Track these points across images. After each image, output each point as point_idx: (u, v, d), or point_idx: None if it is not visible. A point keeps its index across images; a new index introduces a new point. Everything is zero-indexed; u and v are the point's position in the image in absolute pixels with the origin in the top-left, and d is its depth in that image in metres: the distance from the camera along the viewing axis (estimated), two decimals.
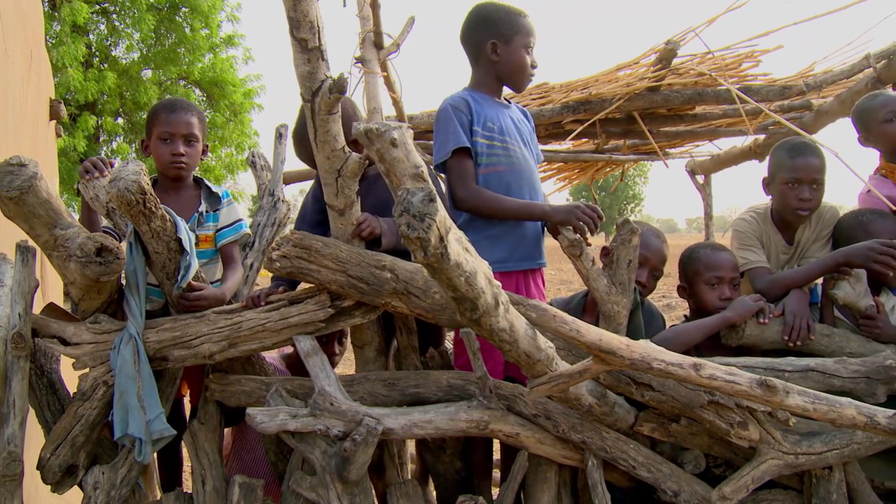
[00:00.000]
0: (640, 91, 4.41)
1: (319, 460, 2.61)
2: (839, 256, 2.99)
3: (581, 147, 5.53)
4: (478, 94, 3.13)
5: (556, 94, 4.60)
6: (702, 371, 2.15)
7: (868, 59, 4.20)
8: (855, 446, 2.68)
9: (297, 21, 2.32)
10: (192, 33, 17.13)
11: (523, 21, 3.09)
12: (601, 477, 2.70)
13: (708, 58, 4.45)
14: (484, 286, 1.85)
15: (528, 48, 3.09)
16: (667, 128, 5.15)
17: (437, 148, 3.07)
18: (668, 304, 13.15)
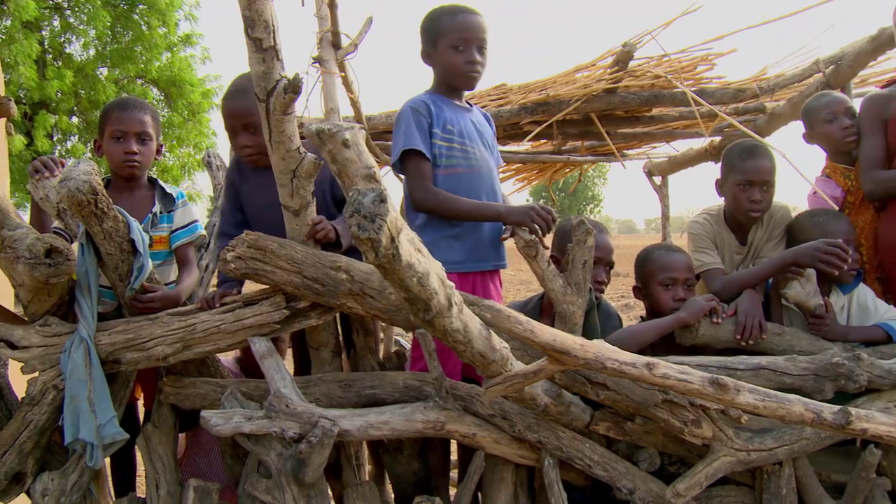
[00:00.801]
0: (598, 93, 4.44)
1: (275, 463, 2.59)
2: (788, 257, 3.05)
3: (539, 148, 5.56)
4: (438, 97, 3.15)
5: (513, 96, 4.62)
6: (655, 370, 2.17)
7: (817, 64, 4.30)
8: (804, 442, 2.73)
9: (251, 20, 2.30)
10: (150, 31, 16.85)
11: (448, 21, 3.08)
12: (557, 476, 2.71)
13: (664, 60, 4.49)
14: (437, 287, 1.85)
15: (456, 47, 3.06)
16: (624, 129, 5.19)
17: (393, 148, 3.11)
18: (627, 304, 13.27)
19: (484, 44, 3.10)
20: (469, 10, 3.10)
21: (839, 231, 3.10)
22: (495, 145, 3.35)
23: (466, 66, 3.07)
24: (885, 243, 3.31)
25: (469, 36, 3.05)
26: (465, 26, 3.06)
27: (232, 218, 3.19)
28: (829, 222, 3.14)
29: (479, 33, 3.07)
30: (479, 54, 3.08)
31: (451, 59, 3.08)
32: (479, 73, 3.13)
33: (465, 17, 3.07)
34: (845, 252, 2.93)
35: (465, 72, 3.09)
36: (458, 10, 3.10)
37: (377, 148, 4.30)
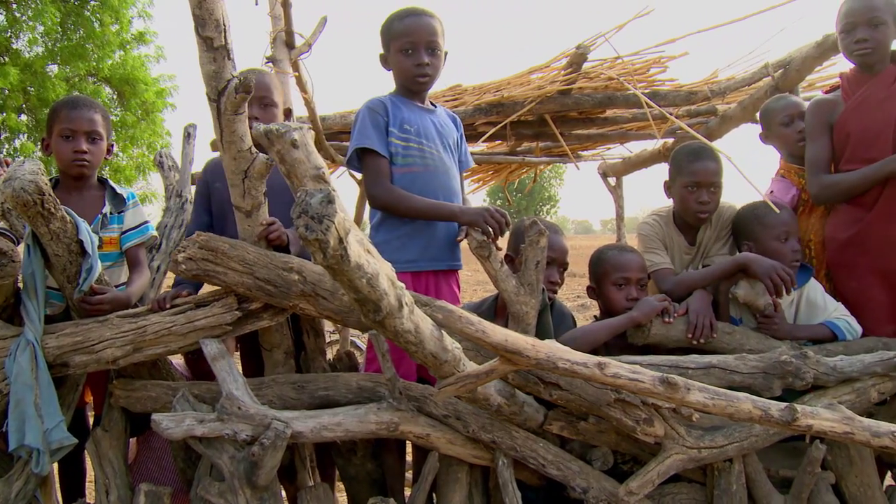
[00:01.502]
0: (552, 94, 4.46)
1: (228, 466, 2.56)
2: (740, 260, 3.11)
3: (494, 149, 5.58)
4: (399, 97, 3.17)
5: (468, 97, 4.62)
6: (606, 370, 2.19)
7: (767, 67, 4.38)
8: (753, 439, 2.77)
9: (202, 19, 2.28)
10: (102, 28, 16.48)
11: (398, 25, 3.10)
12: (511, 476, 2.73)
13: (617, 63, 4.54)
14: (386, 288, 1.85)
15: (405, 50, 3.09)
16: (578, 130, 5.23)
17: (350, 147, 3.13)
18: (583, 304, 13.39)
19: (435, 45, 3.10)
20: (418, 13, 3.11)
21: (778, 223, 3.17)
22: (463, 147, 3.38)
23: (416, 69, 3.09)
24: (828, 243, 3.39)
25: (417, 39, 3.07)
26: (413, 29, 3.08)
27: (199, 218, 3.18)
28: (769, 214, 3.20)
29: (427, 36, 3.08)
30: (430, 56, 3.10)
31: (401, 63, 3.12)
32: (430, 74, 3.14)
33: (413, 21, 3.09)
34: (792, 284, 3.02)
35: (415, 75, 3.11)
36: (407, 14, 3.11)
37: (332, 148, 4.28)
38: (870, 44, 3.19)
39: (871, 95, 3.24)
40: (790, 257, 3.16)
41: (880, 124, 3.19)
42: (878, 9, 3.17)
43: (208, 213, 3.15)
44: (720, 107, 4.90)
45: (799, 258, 3.21)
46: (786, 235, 3.18)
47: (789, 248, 3.17)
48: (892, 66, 3.26)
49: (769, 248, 3.18)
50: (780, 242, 3.17)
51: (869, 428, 2.43)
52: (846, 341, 3.11)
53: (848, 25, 3.24)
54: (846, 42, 3.27)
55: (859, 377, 2.89)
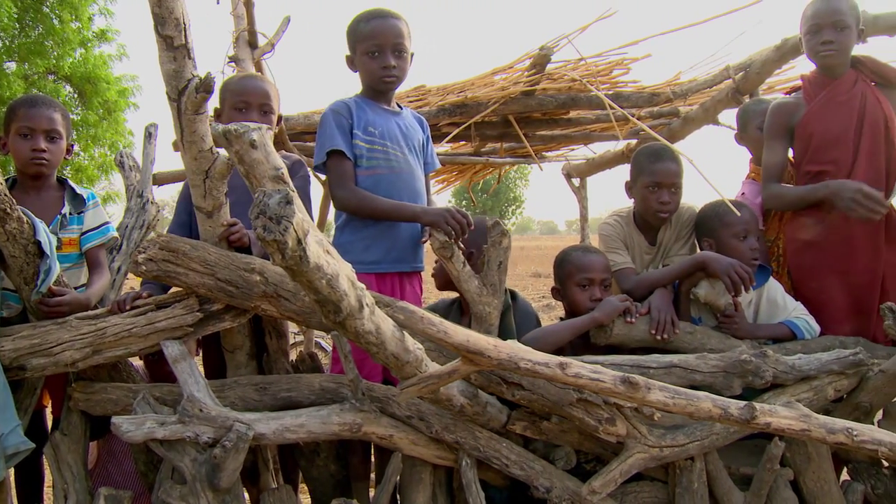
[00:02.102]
0: (516, 95, 4.48)
1: (189, 468, 2.54)
2: (699, 259, 3.15)
3: (458, 150, 5.59)
4: (364, 99, 3.19)
5: (432, 97, 4.63)
6: (568, 370, 2.21)
7: (728, 70, 4.43)
8: (714, 437, 2.80)
9: (161, 18, 2.26)
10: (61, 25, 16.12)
11: (363, 27, 3.12)
12: (475, 476, 2.73)
13: (581, 64, 4.57)
14: (347, 289, 1.85)
15: (371, 53, 3.11)
16: (542, 131, 5.25)
17: (316, 150, 3.16)
18: (548, 304, 13.48)
19: (401, 47, 3.12)
20: (384, 15, 3.12)
21: (738, 221, 3.21)
22: (429, 149, 3.39)
23: (382, 71, 3.11)
24: (789, 244, 3.44)
25: (382, 41, 3.09)
26: (378, 32, 3.09)
27: (178, 218, 3.16)
28: (730, 212, 3.23)
29: (392, 38, 3.10)
30: (396, 58, 3.11)
31: (367, 66, 3.13)
32: (396, 76, 3.15)
33: (379, 23, 3.10)
34: (751, 282, 3.05)
35: (381, 77, 3.12)
36: (373, 16, 3.12)
37: (295, 149, 4.26)
38: (835, 46, 3.25)
39: (833, 98, 3.30)
40: (748, 255, 3.20)
41: (842, 126, 3.26)
42: (842, 12, 3.23)
43: (188, 214, 3.12)
44: (682, 108, 4.95)
45: (758, 256, 3.25)
46: (745, 234, 3.22)
47: (747, 247, 3.21)
48: (852, 71, 3.32)
49: (728, 245, 3.22)
50: (739, 240, 3.22)
51: (825, 425, 2.47)
52: (805, 340, 3.16)
53: (813, 27, 3.29)
54: (811, 43, 3.32)
55: (817, 375, 2.93)
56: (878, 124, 3.26)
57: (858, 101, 3.28)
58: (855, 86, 3.29)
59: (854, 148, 3.24)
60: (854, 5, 3.28)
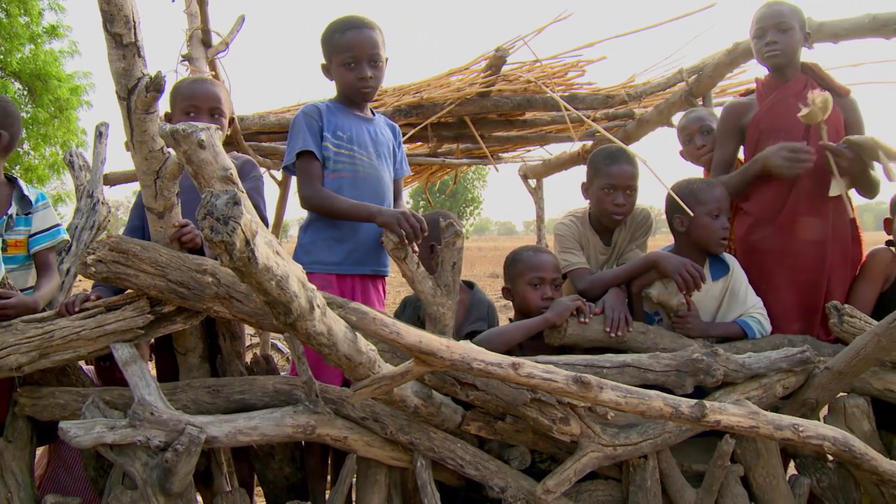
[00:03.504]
0: (471, 96, 4.50)
1: (140, 473, 2.50)
2: (650, 258, 3.19)
3: (415, 150, 5.60)
4: (336, 104, 3.22)
5: (388, 98, 4.62)
6: (520, 370, 2.21)
7: (681, 73, 4.49)
8: (667, 435, 2.83)
9: (110, 15, 2.23)
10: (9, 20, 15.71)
11: (339, 38, 3.13)
12: (430, 477, 2.73)
13: (536, 66, 4.59)
14: (297, 290, 1.84)
15: (348, 64, 3.12)
16: (498, 133, 5.27)
17: (286, 151, 3.19)
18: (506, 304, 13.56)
19: (376, 57, 3.15)
20: (359, 25, 3.13)
21: (710, 199, 3.23)
22: (399, 155, 3.43)
23: (359, 82, 3.14)
24: (739, 245, 3.51)
25: (359, 53, 3.11)
26: (355, 44, 3.11)
27: (131, 223, 3.13)
28: (703, 190, 3.26)
29: (369, 49, 3.12)
30: (372, 68, 3.14)
31: (344, 77, 3.16)
32: (372, 86, 3.19)
33: (355, 34, 3.11)
34: (702, 280, 3.09)
35: (358, 88, 3.16)
36: (348, 27, 3.13)
37: (250, 149, 4.23)
38: (779, 46, 3.33)
39: (783, 99, 3.38)
40: (719, 234, 3.23)
41: (790, 126, 3.32)
42: (784, 14, 3.33)
43: (141, 219, 3.08)
44: (637, 110, 5.00)
45: (727, 236, 3.29)
46: (717, 212, 3.23)
47: (719, 225, 3.23)
48: (802, 75, 3.40)
49: (700, 222, 3.24)
50: (712, 218, 3.23)
51: (772, 422, 2.51)
52: (755, 339, 3.21)
53: (759, 31, 3.39)
54: (758, 46, 3.41)
55: (766, 373, 2.97)
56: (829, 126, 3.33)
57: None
58: (805, 89, 3.37)
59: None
60: (797, 10, 3.37)
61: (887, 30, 3.40)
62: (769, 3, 3.40)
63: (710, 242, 3.25)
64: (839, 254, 3.38)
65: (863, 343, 2.82)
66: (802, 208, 3.26)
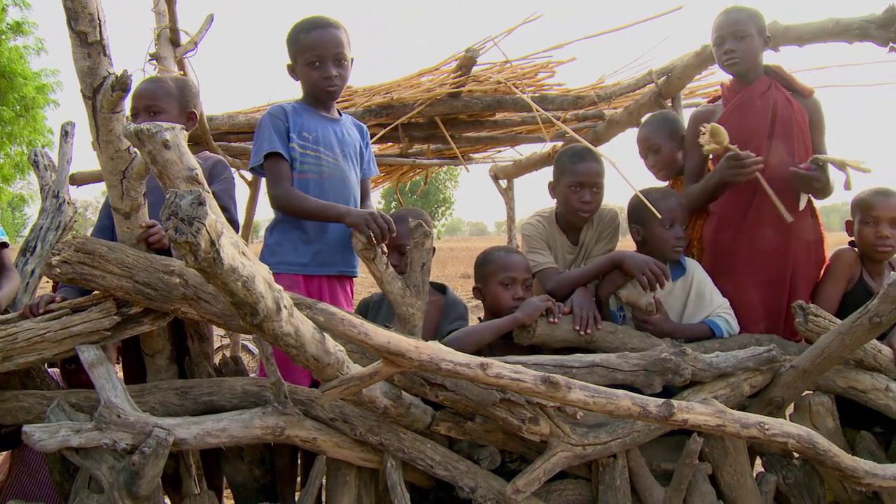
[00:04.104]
0: (442, 97, 4.50)
1: (107, 477, 2.48)
2: (616, 257, 3.22)
3: (385, 151, 5.59)
4: (302, 105, 3.22)
5: (358, 98, 4.61)
6: (489, 370, 2.22)
7: (651, 74, 4.52)
8: (635, 434, 2.85)
9: (75, 12, 2.21)
10: None
11: (304, 38, 3.13)
12: (400, 477, 2.73)
13: (506, 67, 4.61)
14: (263, 291, 1.83)
15: (312, 63, 3.13)
16: (469, 133, 5.28)
17: (252, 152, 3.19)
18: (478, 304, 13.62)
19: (341, 56, 3.15)
20: (324, 25, 3.13)
21: (664, 209, 3.26)
22: (367, 156, 3.42)
23: (324, 81, 3.14)
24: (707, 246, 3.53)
25: (324, 53, 3.11)
26: (319, 43, 3.11)
27: (100, 223, 3.10)
28: (658, 200, 3.30)
29: (333, 48, 3.12)
30: (337, 67, 3.14)
31: (309, 76, 3.16)
32: (338, 85, 3.19)
33: (319, 34, 3.12)
34: (665, 278, 3.12)
35: (323, 87, 3.16)
36: (313, 26, 3.13)
37: (219, 149, 4.20)
38: (737, 54, 3.37)
39: (746, 102, 3.42)
40: (672, 244, 3.28)
41: (754, 128, 3.37)
42: (741, 22, 3.37)
43: (110, 218, 3.06)
44: (607, 111, 5.03)
45: (682, 245, 3.33)
46: (671, 222, 3.28)
47: (672, 235, 3.28)
48: (765, 78, 3.45)
49: (654, 233, 3.30)
50: (665, 228, 3.28)
51: (739, 420, 2.54)
52: (722, 338, 3.24)
53: (718, 39, 3.43)
54: (718, 54, 3.46)
55: (733, 372, 3.00)
56: (790, 128, 3.39)
57: (771, 105, 3.40)
58: (768, 91, 3.41)
59: (766, 150, 3.34)
60: (755, 14, 3.41)
61: (849, 34, 3.44)
62: (727, 10, 3.43)
63: (664, 251, 3.30)
64: (803, 254, 3.42)
65: (827, 342, 2.87)
66: (768, 209, 3.30)
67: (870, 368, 3.08)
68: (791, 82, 3.49)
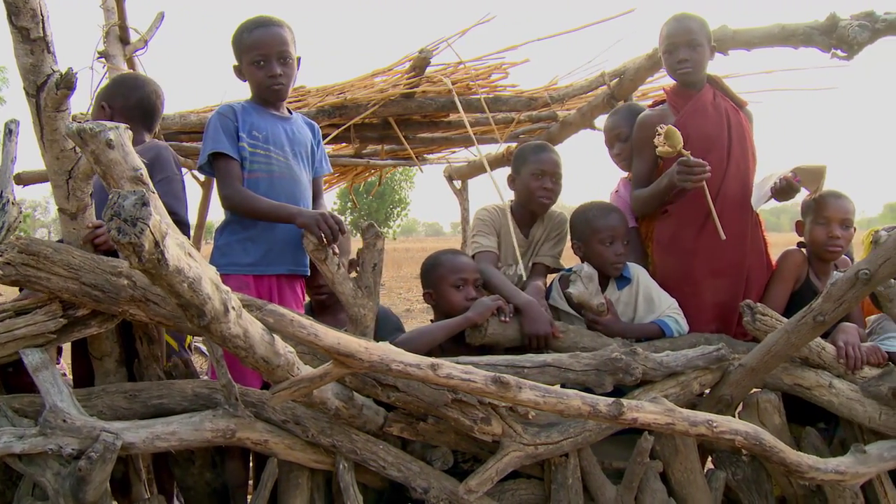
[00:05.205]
0: (395, 97, 4.51)
1: (52, 483, 2.43)
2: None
3: (339, 151, 5.57)
4: (252, 104, 3.21)
5: (311, 98, 4.59)
6: (439, 371, 2.23)
7: (603, 76, 4.57)
8: (587, 433, 2.88)
9: (16, 7, 2.17)
10: None
11: (247, 37, 3.12)
12: (353, 479, 2.72)
13: (460, 68, 4.62)
14: (210, 292, 1.81)
15: (257, 62, 3.11)
16: (423, 134, 5.29)
17: (201, 152, 3.18)
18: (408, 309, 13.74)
19: (286, 54, 3.13)
20: (267, 24, 3.13)
21: (603, 227, 3.36)
22: (318, 154, 3.40)
23: (269, 80, 3.12)
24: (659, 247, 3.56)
25: (267, 51, 3.10)
26: (263, 41, 3.10)
27: None
28: (598, 218, 3.40)
29: (277, 46, 3.11)
30: (282, 66, 3.12)
31: (254, 75, 3.14)
32: (284, 84, 3.17)
33: (262, 32, 3.11)
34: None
35: (269, 86, 3.14)
36: (256, 25, 3.13)
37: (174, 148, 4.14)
38: (690, 64, 3.42)
39: (702, 107, 3.46)
40: (612, 260, 3.36)
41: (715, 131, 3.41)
42: (694, 31, 3.42)
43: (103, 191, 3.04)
44: (560, 113, 5.07)
45: (622, 261, 3.39)
46: (610, 239, 3.35)
47: (612, 252, 3.35)
48: (708, 87, 3.50)
49: (594, 250, 3.38)
50: (605, 246, 3.35)
51: (687, 418, 2.58)
52: (673, 338, 3.28)
53: (670, 46, 3.46)
54: (669, 62, 3.50)
55: (683, 371, 3.04)
56: (743, 137, 3.45)
57: (723, 113, 3.46)
58: (715, 98, 3.48)
59: (727, 153, 3.39)
60: (704, 23, 3.47)
61: (795, 39, 3.51)
62: (678, 17, 3.48)
63: (604, 268, 3.37)
64: (756, 256, 3.48)
65: (774, 340, 2.92)
66: (728, 213, 3.33)
67: (814, 366, 3.14)
68: (729, 92, 3.56)
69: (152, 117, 3.32)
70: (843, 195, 3.46)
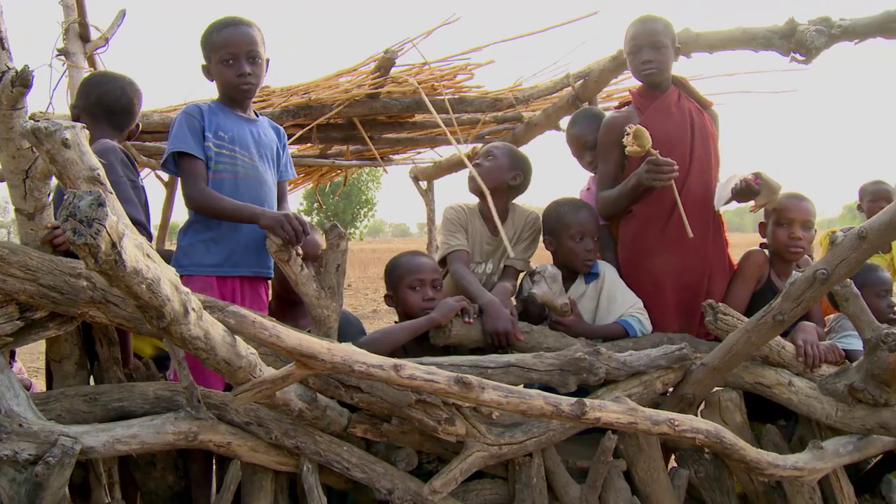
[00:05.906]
0: (360, 98, 4.50)
1: (7, 490, 2.39)
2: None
3: (304, 151, 5.55)
4: (219, 105, 3.19)
5: (276, 98, 4.57)
6: (402, 371, 2.22)
7: (568, 78, 4.60)
8: (551, 433, 2.89)
9: None
10: None
11: (216, 37, 3.11)
12: (317, 481, 2.71)
13: (425, 68, 4.62)
14: (169, 293, 1.79)
15: (226, 61, 3.10)
16: (388, 134, 5.28)
17: (166, 150, 3.14)
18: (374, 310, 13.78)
19: (255, 54, 3.12)
20: (236, 23, 3.12)
21: (574, 223, 3.40)
22: (283, 158, 3.39)
23: (238, 79, 3.11)
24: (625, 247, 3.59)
25: (236, 50, 3.09)
26: (231, 40, 3.09)
27: None
28: (569, 213, 3.44)
29: (246, 45, 3.10)
30: (251, 65, 3.11)
31: (223, 74, 3.13)
32: (252, 83, 3.16)
33: (231, 31, 3.10)
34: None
35: (237, 85, 3.12)
36: (225, 24, 3.12)
37: (133, 148, 4.09)
38: (655, 65, 3.45)
39: (666, 107, 3.49)
40: (583, 256, 3.39)
41: (678, 131, 3.45)
42: (659, 33, 3.45)
43: None
44: (525, 114, 5.09)
45: (592, 258, 3.42)
46: (581, 235, 3.39)
47: (582, 248, 3.39)
48: (673, 87, 3.54)
49: (565, 246, 3.42)
50: (575, 242, 3.39)
51: (649, 417, 2.60)
52: (636, 337, 3.31)
53: (634, 48, 3.49)
54: (634, 63, 3.52)
55: (646, 370, 3.07)
56: (706, 137, 3.50)
57: (686, 114, 3.50)
58: (680, 99, 3.51)
59: (689, 153, 3.43)
60: (669, 25, 3.51)
61: (755, 43, 3.56)
62: (642, 19, 3.51)
63: (574, 264, 3.42)
64: (719, 255, 3.53)
65: (735, 339, 2.96)
66: (692, 212, 3.36)
67: (775, 364, 3.18)
68: (694, 93, 3.60)
69: (118, 114, 3.25)
70: (804, 197, 3.52)
